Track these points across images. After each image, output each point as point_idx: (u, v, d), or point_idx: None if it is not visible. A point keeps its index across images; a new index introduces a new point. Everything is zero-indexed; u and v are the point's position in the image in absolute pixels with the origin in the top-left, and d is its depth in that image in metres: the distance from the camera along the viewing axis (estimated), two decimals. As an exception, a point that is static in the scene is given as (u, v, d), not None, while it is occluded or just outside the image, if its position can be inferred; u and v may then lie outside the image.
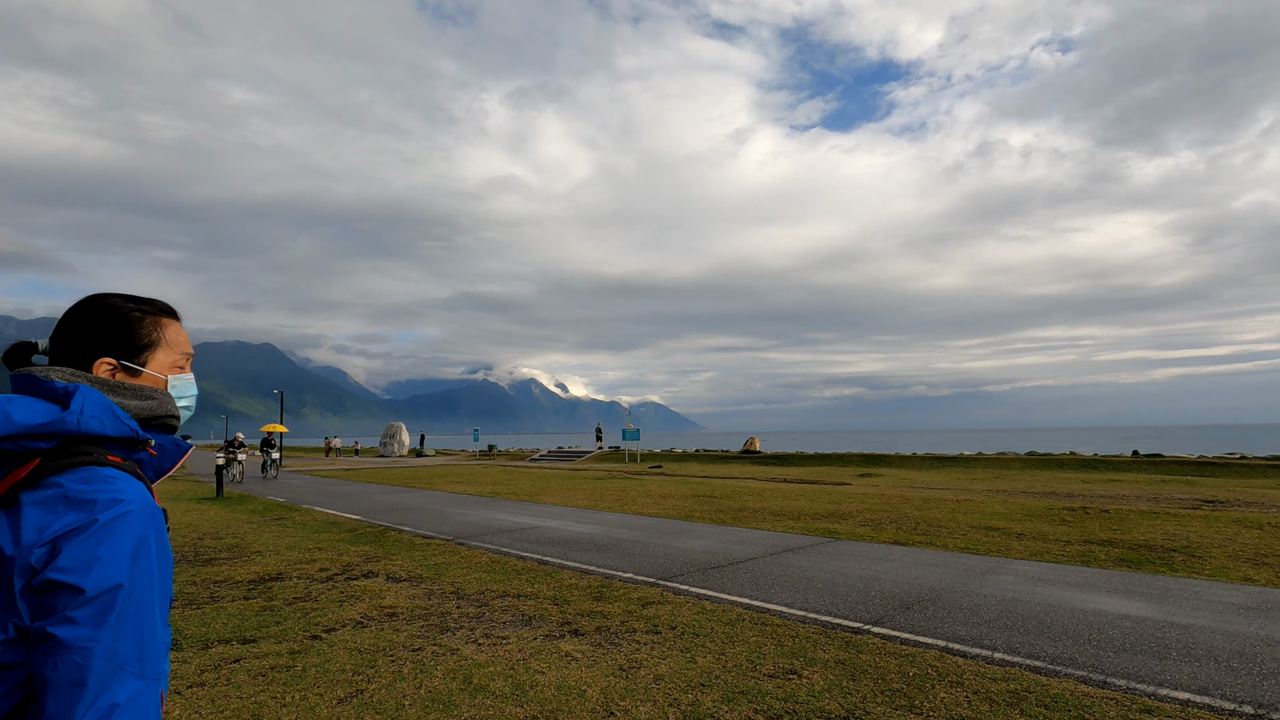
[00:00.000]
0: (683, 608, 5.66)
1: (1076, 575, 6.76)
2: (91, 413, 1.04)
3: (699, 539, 9.21)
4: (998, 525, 10.30)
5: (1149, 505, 13.41)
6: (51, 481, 1.03)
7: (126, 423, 1.08)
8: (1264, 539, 8.82)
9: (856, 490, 17.15)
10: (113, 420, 1.06)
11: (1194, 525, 10.06)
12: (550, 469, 30.10)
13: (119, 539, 1.03)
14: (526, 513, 12.55)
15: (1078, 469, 25.26)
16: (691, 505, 13.59)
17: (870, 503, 13.69)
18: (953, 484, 20.05)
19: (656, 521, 11.16)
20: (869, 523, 10.76)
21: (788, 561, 7.54)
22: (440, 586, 6.59)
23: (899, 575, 6.81)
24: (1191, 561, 7.46)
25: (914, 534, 9.57)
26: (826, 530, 9.88)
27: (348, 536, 9.91)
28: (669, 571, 7.12)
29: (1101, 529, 9.84)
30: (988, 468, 26.79)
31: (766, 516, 11.72)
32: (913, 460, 30.01)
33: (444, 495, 16.43)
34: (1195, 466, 23.78)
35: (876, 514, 11.84)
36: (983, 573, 6.89)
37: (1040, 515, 11.39)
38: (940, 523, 10.67)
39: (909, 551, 8.13)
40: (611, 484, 19.42)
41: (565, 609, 5.70)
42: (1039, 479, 21.80)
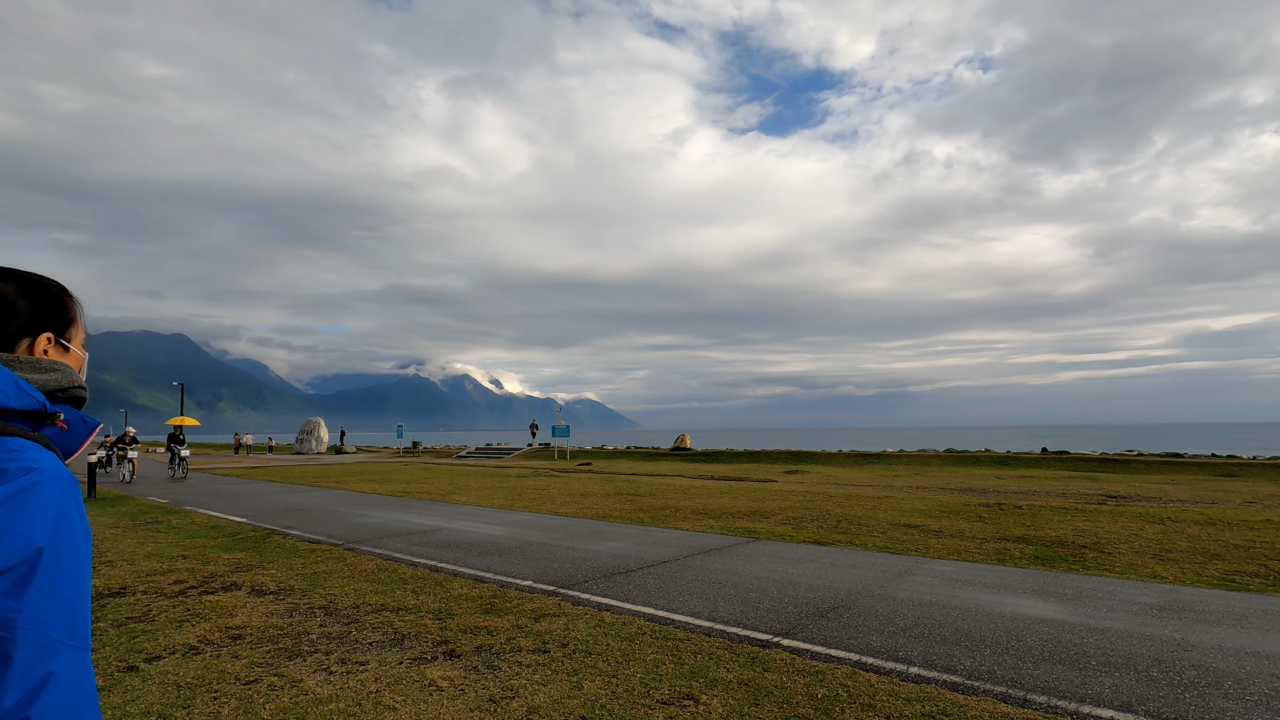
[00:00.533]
0: (579, 620, 5.09)
1: (993, 575, 6.56)
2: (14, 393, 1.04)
3: (613, 541, 8.67)
4: (917, 522, 10.20)
5: (1059, 501, 13.74)
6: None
7: (32, 394, 1.07)
8: (1166, 534, 8.98)
9: (782, 488, 17.02)
10: (17, 393, 1.05)
11: (1101, 521, 10.22)
12: (474, 467, 29.03)
13: (35, 507, 1.02)
14: (434, 513, 11.72)
15: (992, 465, 26.14)
16: (613, 504, 13.05)
17: (794, 500, 13.50)
18: (876, 480, 20.28)
19: (572, 522, 10.56)
20: (790, 521, 10.48)
21: (702, 565, 7.09)
22: (310, 600, 5.80)
23: (815, 578, 6.44)
24: (1102, 558, 7.43)
25: (834, 532, 9.32)
26: (747, 530, 9.52)
27: (224, 542, 8.88)
28: (573, 578, 6.53)
29: (1016, 525, 9.86)
30: (909, 464, 27.42)
31: (688, 515, 11.30)
32: (838, 457, 30.47)
33: (350, 495, 15.33)
34: (1098, 463, 24.98)
35: (799, 512, 11.61)
36: (900, 574, 6.61)
37: (958, 512, 11.40)
38: (861, 520, 10.50)
39: (828, 552, 7.82)
40: (534, 482, 18.69)
41: (447, 624, 5.04)
42: (957, 475, 22.35)
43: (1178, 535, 8.87)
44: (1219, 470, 22.52)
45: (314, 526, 10.18)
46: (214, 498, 14.83)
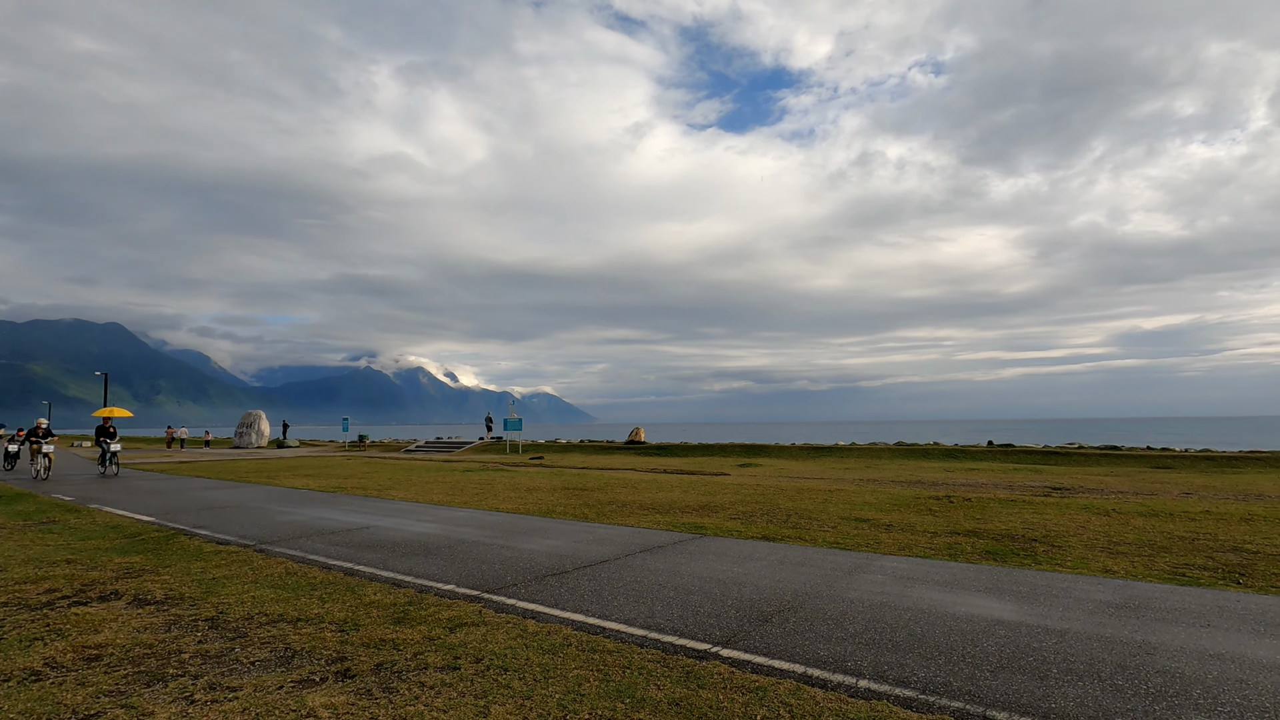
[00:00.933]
0: (500, 631, 4.56)
1: (945, 572, 6.28)
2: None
3: (552, 538, 8.15)
4: (867, 516, 9.96)
5: (1006, 493, 13.76)
6: None
7: None
8: (1113, 526, 8.92)
9: (733, 481, 16.74)
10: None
11: (1049, 513, 10.16)
12: (420, 461, 28.05)
13: None
14: (366, 510, 10.99)
15: (941, 458, 26.47)
16: (558, 499, 12.51)
17: (745, 494, 13.18)
18: (827, 473, 20.22)
19: (512, 518, 9.99)
20: (740, 515, 10.13)
21: (643, 564, 6.63)
22: (198, 611, 5.12)
23: (762, 578, 6.05)
24: (1053, 552, 7.26)
25: (784, 527, 8.99)
26: (694, 525, 9.11)
27: (122, 544, 8.04)
28: (502, 581, 5.99)
29: (966, 518, 9.70)
30: (860, 457, 27.59)
31: (635, 510, 10.85)
32: (791, 450, 30.51)
33: (279, 491, 14.40)
34: (1041, 456, 25.53)
35: (749, 506, 11.28)
36: (850, 572, 6.27)
37: (908, 505, 11.23)
38: (812, 514, 10.21)
39: (776, 548, 7.46)
40: (480, 476, 18.00)
41: (349, 637, 4.45)
42: (907, 468, 22.50)
43: (1124, 527, 8.82)
44: (1154, 463, 23.24)
45: (228, 525, 9.37)
46: (126, 494, 13.73)
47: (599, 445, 38.45)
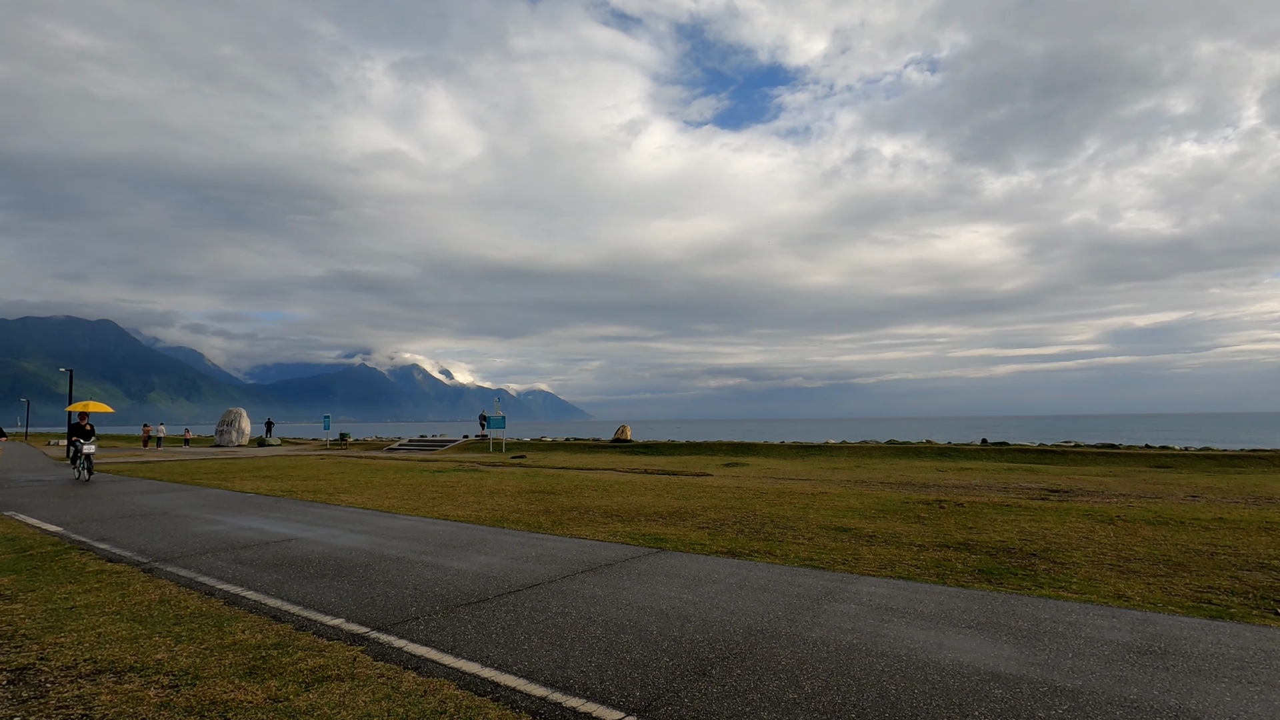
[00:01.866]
0: (365, 689, 3.61)
1: (931, 599, 5.35)
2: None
3: (489, 554, 7.19)
4: (850, 524, 9.04)
5: (1000, 496, 12.88)
6: None
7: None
8: (1120, 537, 8.02)
9: (714, 482, 15.82)
10: None
11: (1048, 521, 9.26)
12: (396, 460, 27.05)
13: None
14: (301, 518, 10.01)
15: (933, 457, 25.63)
16: (519, 504, 11.57)
17: (721, 497, 12.26)
18: (815, 473, 19.33)
19: (457, 528, 9.03)
20: (710, 524, 9.20)
21: (580, 590, 5.68)
22: (12, 657, 4.16)
23: (714, 608, 5.11)
24: (1055, 570, 6.35)
25: (755, 539, 8.06)
26: (655, 537, 8.17)
27: (4, 561, 7.07)
28: (404, 613, 5.04)
29: (957, 527, 8.80)
30: (850, 456, 26.72)
31: (598, 518, 9.91)
32: (779, 449, 29.64)
33: (223, 495, 13.40)
34: (1036, 454, 24.71)
35: (723, 512, 10.35)
36: (820, 600, 5.34)
37: (895, 511, 10.32)
38: (789, 522, 9.29)
39: (740, 566, 6.52)
40: (447, 478, 17.02)
41: (173, 699, 3.50)
42: (898, 467, 21.63)
43: (1132, 538, 7.92)
44: (1153, 462, 22.43)
45: (135, 538, 8.38)
46: (49, 499, 12.71)
47: (585, 444, 37.52)
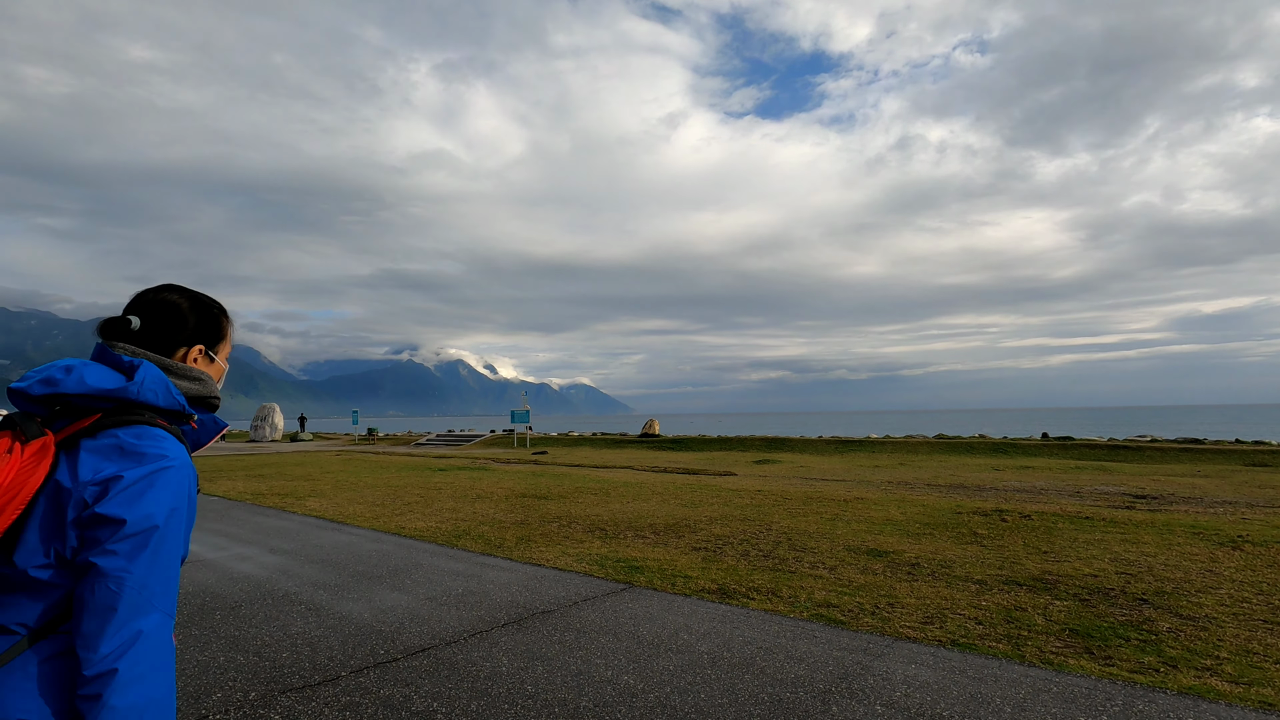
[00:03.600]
0: None
1: (1006, 695, 3.47)
2: (150, 386, 1.25)
3: (403, 590, 5.56)
4: (887, 545, 7.14)
5: (1075, 504, 10.72)
6: (110, 433, 1.20)
7: (176, 398, 1.28)
8: (1257, 569, 5.93)
9: (735, 484, 13.98)
10: (165, 394, 1.26)
11: (1147, 541, 7.19)
12: (413, 456, 25.91)
13: (160, 488, 1.17)
14: (234, 529, 8.61)
15: (987, 453, 23.20)
16: (496, 512, 9.98)
17: (737, 504, 10.44)
18: (853, 473, 17.27)
19: (398, 547, 7.46)
20: (710, 542, 7.41)
21: (483, 661, 3.98)
22: None
23: (658, 710, 3.33)
24: (1186, 631, 4.38)
25: (761, 567, 6.25)
26: (632, 565, 6.41)
27: None
28: (203, 703, 3.42)
29: (1027, 550, 6.82)
30: (894, 452, 24.45)
31: (579, 532, 8.24)
32: (816, 444, 27.49)
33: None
34: (1107, 450, 22.06)
35: (731, 524, 8.55)
36: (826, 694, 3.50)
37: (945, 524, 8.36)
38: (809, 541, 7.44)
39: (726, 619, 4.71)
40: (444, 478, 15.59)
41: None
42: (947, 465, 19.37)
43: (1277, 573, 5.83)
44: (1247, 459, 19.60)
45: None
46: None
47: (612, 439, 35.98)
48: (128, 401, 1.22)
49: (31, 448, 1.13)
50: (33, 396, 1.20)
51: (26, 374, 1.20)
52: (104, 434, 1.20)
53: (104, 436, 1.19)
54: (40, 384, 1.20)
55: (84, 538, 1.13)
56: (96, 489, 1.14)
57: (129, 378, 1.23)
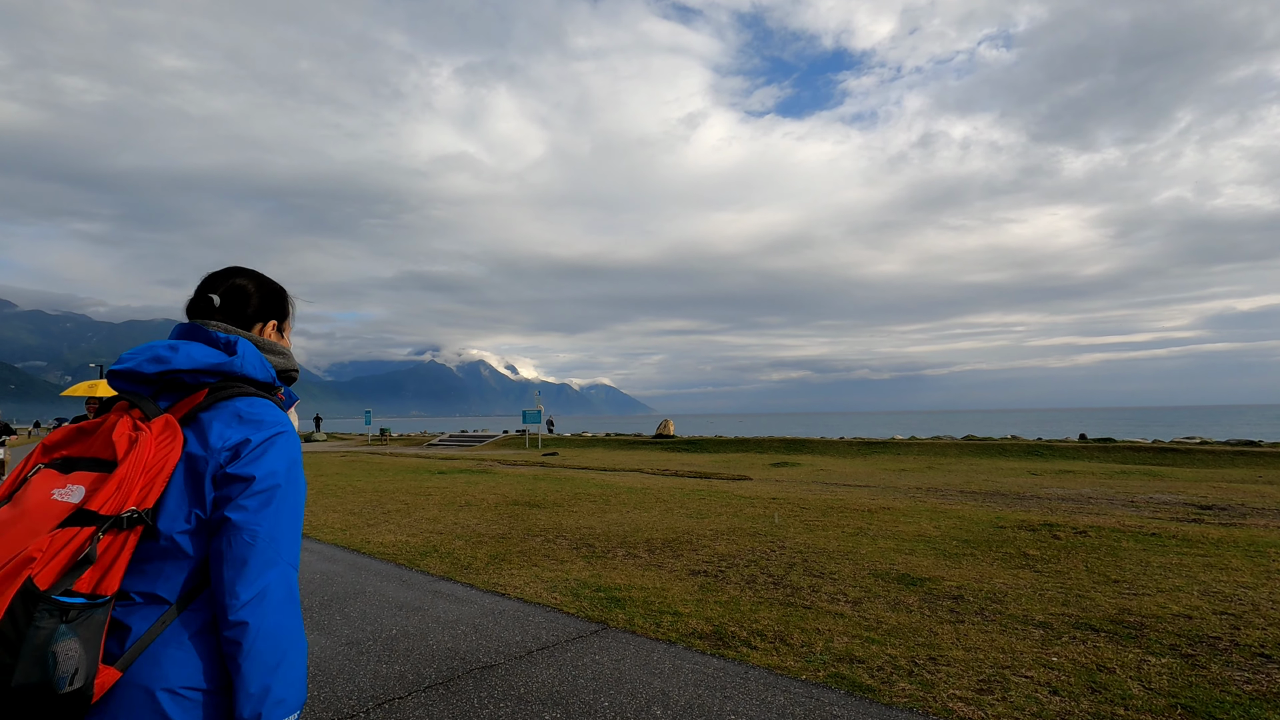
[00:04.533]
0: None
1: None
2: (250, 360, 1.35)
3: (325, 632, 4.55)
4: (921, 570, 6.01)
5: (1132, 515, 9.46)
6: (226, 404, 1.29)
7: (269, 371, 1.39)
8: (1394, 609, 4.71)
9: (749, 489, 12.85)
10: (261, 368, 1.36)
11: (1238, 567, 5.96)
12: (415, 458, 25.08)
13: (280, 450, 1.28)
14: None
15: (1021, 456, 21.77)
16: (480, 523, 8.99)
17: (747, 516, 9.33)
18: (877, 477, 16.04)
19: (353, 568, 6.48)
20: (711, 564, 6.33)
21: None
22: None
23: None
24: (1338, 708, 3.22)
25: (769, 600, 5.16)
26: (612, 596, 5.34)
27: None
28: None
29: (1092, 578, 5.65)
30: (921, 455, 23.10)
31: (563, 549, 7.21)
32: (838, 446, 26.18)
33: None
34: (1153, 453, 20.53)
35: (739, 540, 7.45)
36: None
37: (987, 543, 7.18)
38: (830, 562, 6.32)
39: (713, 690, 3.60)
40: (439, 482, 14.66)
41: None
42: (979, 469, 18.04)
43: None
44: (1310, 463, 18.01)
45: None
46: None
47: (626, 439, 34.94)
48: (232, 375, 1.32)
49: (157, 425, 1.21)
50: (145, 375, 1.28)
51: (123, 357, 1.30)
52: (220, 405, 1.29)
53: (220, 408, 1.29)
54: (150, 362, 1.28)
55: (218, 498, 1.23)
56: (228, 453, 1.25)
57: (230, 353, 1.33)
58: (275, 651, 1.19)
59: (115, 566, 1.12)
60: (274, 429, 1.29)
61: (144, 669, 1.14)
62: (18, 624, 1.00)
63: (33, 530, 1.07)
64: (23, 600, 1.01)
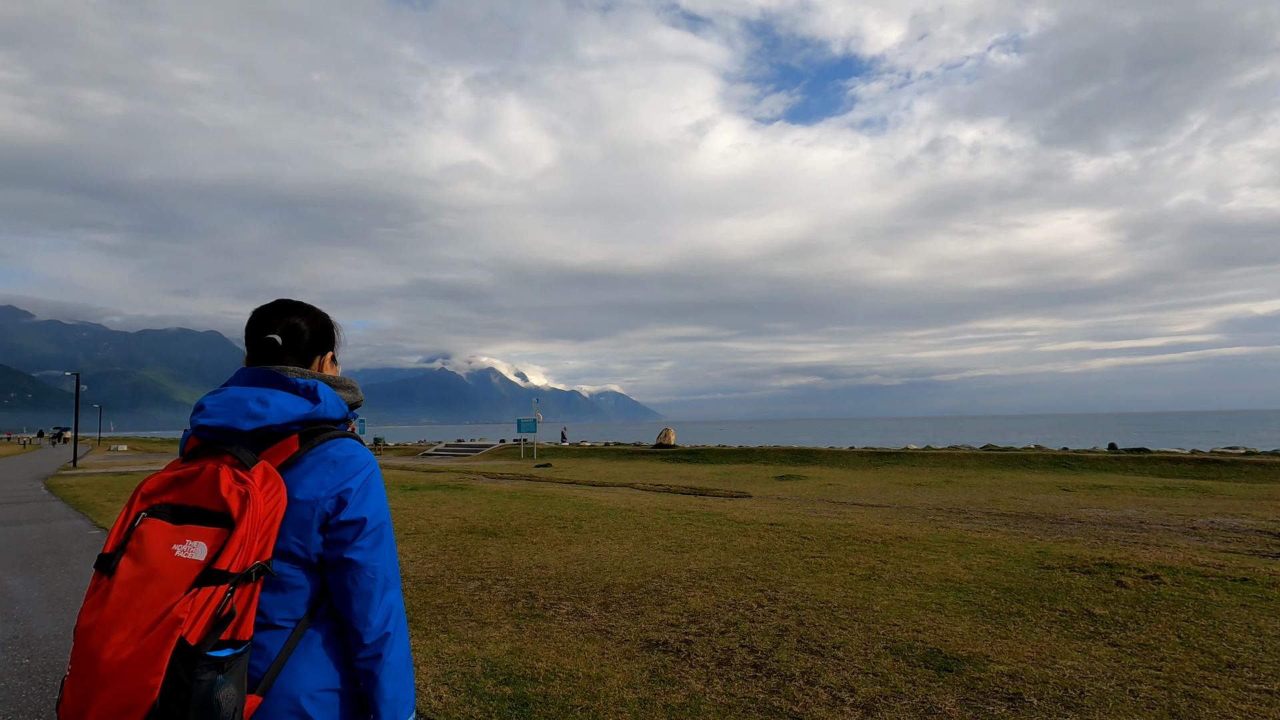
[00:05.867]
0: None
1: None
2: (330, 404, 1.43)
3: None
4: (954, 642, 4.45)
5: (1203, 549, 7.83)
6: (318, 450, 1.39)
7: (344, 408, 1.48)
8: None
9: (746, 510, 11.28)
10: (338, 408, 1.45)
11: (1391, 640, 4.36)
12: (394, 471, 23.60)
13: (375, 488, 1.41)
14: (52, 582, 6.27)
15: (1048, 468, 20.06)
16: (408, 563, 7.50)
17: (737, 549, 7.79)
18: (890, 493, 14.43)
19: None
20: (676, 629, 4.80)
21: None
22: None
23: None
24: None
25: (746, 699, 3.63)
26: (520, 698, 3.80)
27: None
28: None
29: (1192, 656, 4.08)
30: (937, 466, 21.41)
31: (492, 604, 5.71)
32: (847, 456, 24.49)
33: (51, 529, 9.95)
34: (1194, 465, 18.75)
35: (721, 591, 5.91)
36: None
37: (1034, 594, 5.61)
38: (832, 629, 4.78)
39: None
40: (400, 501, 13.17)
41: None
42: (1004, 483, 16.37)
43: None
44: (1373, 476, 16.20)
45: None
46: None
47: (625, 449, 33.39)
48: (316, 420, 1.40)
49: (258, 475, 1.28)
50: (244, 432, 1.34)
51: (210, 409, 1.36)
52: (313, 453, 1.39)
53: (314, 454, 1.39)
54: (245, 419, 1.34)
55: (330, 540, 1.36)
56: (333, 501, 1.36)
57: (314, 400, 1.41)
58: (402, 662, 1.40)
59: (248, 614, 1.24)
60: (367, 469, 1.41)
61: (284, 679, 1.31)
62: (180, 680, 1.12)
63: (169, 590, 1.17)
64: (181, 658, 1.13)
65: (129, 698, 1.10)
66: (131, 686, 1.10)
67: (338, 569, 1.34)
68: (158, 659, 1.11)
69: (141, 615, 1.13)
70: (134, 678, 1.10)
